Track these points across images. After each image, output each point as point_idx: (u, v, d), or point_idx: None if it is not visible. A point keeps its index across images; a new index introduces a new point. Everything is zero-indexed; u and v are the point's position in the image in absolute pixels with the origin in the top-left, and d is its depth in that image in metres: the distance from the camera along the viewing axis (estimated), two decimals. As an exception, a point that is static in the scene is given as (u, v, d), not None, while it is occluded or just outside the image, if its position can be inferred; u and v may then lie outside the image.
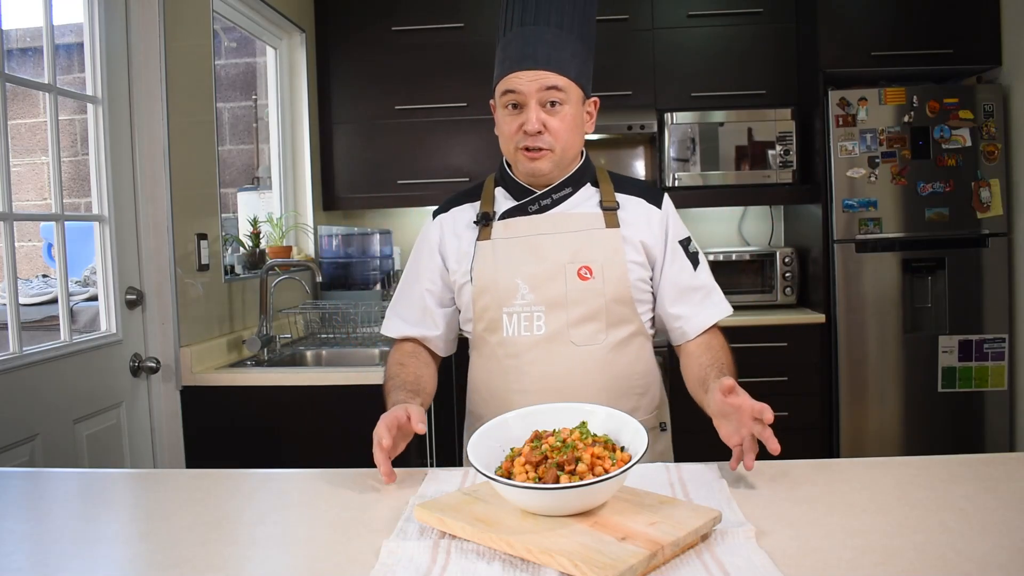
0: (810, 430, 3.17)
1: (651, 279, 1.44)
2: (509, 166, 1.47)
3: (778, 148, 3.31)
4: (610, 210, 1.42)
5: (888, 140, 3.10)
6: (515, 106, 1.37)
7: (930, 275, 3.14)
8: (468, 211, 1.49)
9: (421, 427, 1.18)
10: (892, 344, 3.13)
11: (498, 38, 1.42)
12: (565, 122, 1.36)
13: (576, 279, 1.38)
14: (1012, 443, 3.13)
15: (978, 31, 3.12)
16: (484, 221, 1.44)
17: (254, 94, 4.13)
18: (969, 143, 3.07)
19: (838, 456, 3.11)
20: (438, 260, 1.48)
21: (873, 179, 3.10)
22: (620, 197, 1.45)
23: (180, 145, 2.34)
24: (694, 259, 1.46)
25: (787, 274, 3.36)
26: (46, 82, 2.02)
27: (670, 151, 3.34)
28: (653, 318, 1.48)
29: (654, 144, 3.59)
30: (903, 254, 3.12)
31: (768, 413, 1.07)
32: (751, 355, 3.17)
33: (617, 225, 1.41)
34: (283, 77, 3.39)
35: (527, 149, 1.37)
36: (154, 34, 2.26)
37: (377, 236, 3.48)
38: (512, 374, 1.40)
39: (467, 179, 3.43)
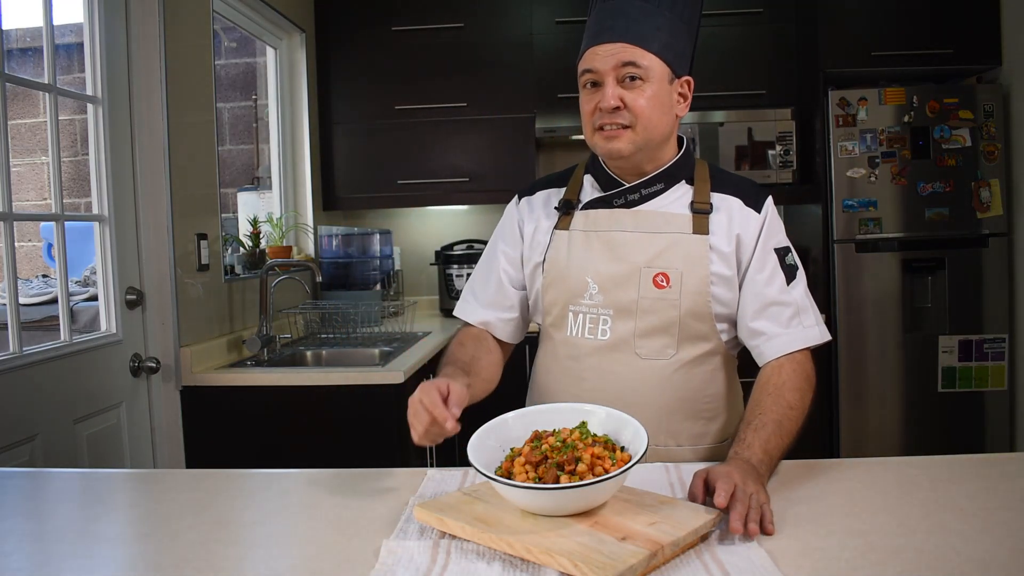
0: (810, 430, 3.16)
1: (738, 286, 1.30)
2: None
3: (778, 148, 3.31)
4: (701, 213, 1.29)
5: (888, 140, 3.09)
6: (594, 85, 1.26)
7: (930, 275, 3.14)
8: (553, 196, 1.40)
9: (455, 412, 1.07)
10: (892, 344, 3.12)
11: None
12: (645, 98, 1.23)
13: (650, 286, 1.27)
14: (1012, 443, 3.13)
15: (978, 31, 3.11)
16: (565, 209, 1.36)
17: (254, 94, 4.13)
18: (969, 143, 3.07)
19: (838, 456, 3.11)
20: (519, 240, 1.41)
21: (873, 179, 3.10)
22: (715, 198, 1.31)
23: (180, 145, 2.34)
24: (790, 272, 1.31)
25: (787, 274, 3.36)
26: (46, 82, 2.02)
27: (670, 151, 3.34)
28: (736, 339, 1.35)
29: (654, 144, 3.59)
30: (903, 254, 3.12)
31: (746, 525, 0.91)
32: (751, 355, 3.16)
33: (706, 232, 1.28)
34: (283, 77, 3.39)
35: (603, 128, 1.25)
36: (154, 34, 2.26)
37: (377, 236, 3.48)
38: (570, 377, 1.33)
39: (467, 179, 3.44)
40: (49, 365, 1.95)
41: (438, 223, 3.82)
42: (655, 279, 1.27)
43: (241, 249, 2.98)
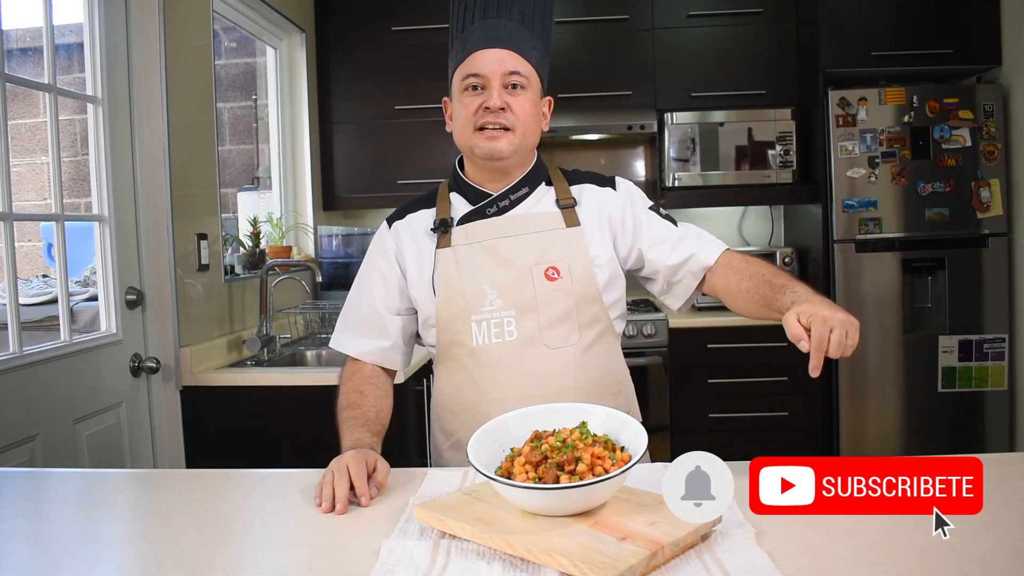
0: (810, 430, 3.17)
1: (619, 266, 1.41)
2: (462, 170, 1.44)
3: (778, 148, 3.31)
4: (568, 207, 1.40)
5: (888, 140, 3.09)
6: (475, 88, 1.34)
7: (930, 275, 3.14)
8: (426, 217, 1.44)
9: (374, 492, 1.11)
10: (892, 344, 3.12)
11: (454, 36, 1.39)
12: (527, 106, 1.34)
13: (544, 280, 1.35)
14: (1012, 443, 3.13)
15: (978, 31, 3.11)
16: (443, 228, 1.39)
17: (254, 94, 4.13)
18: (969, 143, 3.07)
19: (838, 456, 3.11)
20: (396, 268, 1.42)
21: (873, 179, 3.10)
22: (574, 190, 1.42)
23: (180, 145, 2.34)
24: (671, 219, 1.43)
25: (787, 274, 3.36)
26: (46, 82, 2.02)
27: (670, 151, 3.34)
28: (621, 315, 1.44)
29: (654, 144, 3.59)
30: (903, 254, 3.12)
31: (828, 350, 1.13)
32: (751, 355, 3.16)
33: (578, 223, 1.38)
34: (283, 77, 3.39)
35: (485, 129, 1.33)
36: (154, 34, 2.25)
37: (377, 236, 3.47)
38: (486, 383, 1.35)
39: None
40: (49, 365, 1.95)
41: (438, 223, 3.81)
42: (547, 273, 1.35)
43: (241, 249, 2.98)
